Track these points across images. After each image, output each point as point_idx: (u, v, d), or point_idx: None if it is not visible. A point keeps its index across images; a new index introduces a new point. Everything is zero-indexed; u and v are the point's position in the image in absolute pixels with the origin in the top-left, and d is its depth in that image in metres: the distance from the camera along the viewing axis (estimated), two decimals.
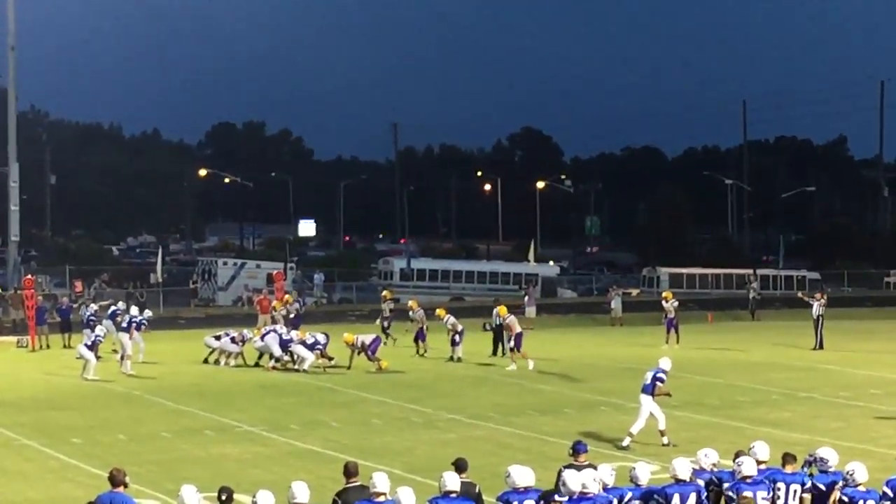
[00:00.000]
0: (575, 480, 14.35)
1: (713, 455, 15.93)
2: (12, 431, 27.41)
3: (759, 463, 15.50)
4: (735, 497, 14.78)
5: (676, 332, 46.85)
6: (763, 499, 14.89)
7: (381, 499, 14.11)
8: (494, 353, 41.99)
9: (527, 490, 14.41)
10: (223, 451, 24.98)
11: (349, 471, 15.11)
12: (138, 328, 39.54)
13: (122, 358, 37.98)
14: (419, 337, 43.22)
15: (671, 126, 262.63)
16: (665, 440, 24.78)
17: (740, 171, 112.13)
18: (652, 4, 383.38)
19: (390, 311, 47.91)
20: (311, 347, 38.04)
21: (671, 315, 47.11)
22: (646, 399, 25.04)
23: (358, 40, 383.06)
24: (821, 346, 44.76)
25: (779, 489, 15.19)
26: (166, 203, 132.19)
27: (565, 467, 15.33)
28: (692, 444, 22.66)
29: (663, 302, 48.18)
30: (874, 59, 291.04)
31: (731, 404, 30.86)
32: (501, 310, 41.30)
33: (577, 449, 16.09)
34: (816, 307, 45.38)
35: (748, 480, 14.97)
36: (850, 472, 14.93)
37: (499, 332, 41.96)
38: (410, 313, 44.70)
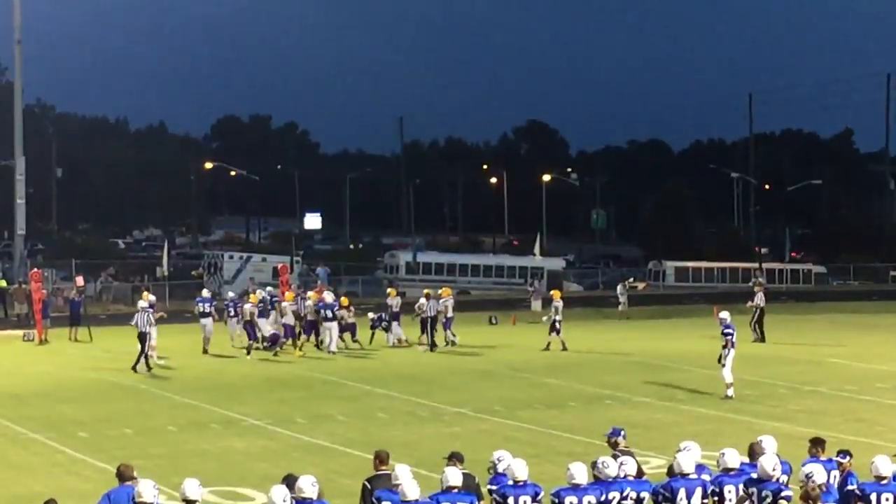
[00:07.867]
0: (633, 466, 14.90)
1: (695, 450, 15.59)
2: (19, 425, 27.47)
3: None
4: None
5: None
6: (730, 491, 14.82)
7: None
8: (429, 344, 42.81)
9: (525, 484, 14.34)
10: (230, 445, 25.04)
11: (380, 458, 15.18)
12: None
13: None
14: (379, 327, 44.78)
15: (677, 119, 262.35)
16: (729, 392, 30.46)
17: (746, 165, 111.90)
18: None
19: (398, 306, 46.79)
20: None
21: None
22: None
23: (363, 33, 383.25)
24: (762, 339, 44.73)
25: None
26: (172, 197, 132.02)
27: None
28: (696, 437, 22.57)
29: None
30: (880, 53, 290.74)
31: (736, 398, 30.81)
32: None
33: (614, 432, 16.86)
34: (759, 297, 45.34)
35: (731, 473, 14.81)
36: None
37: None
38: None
